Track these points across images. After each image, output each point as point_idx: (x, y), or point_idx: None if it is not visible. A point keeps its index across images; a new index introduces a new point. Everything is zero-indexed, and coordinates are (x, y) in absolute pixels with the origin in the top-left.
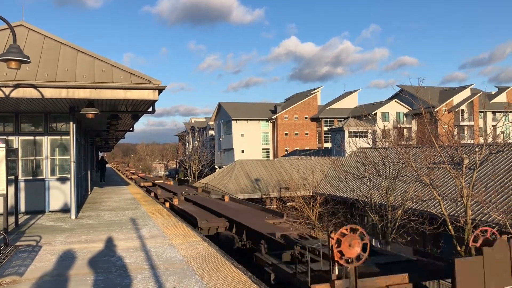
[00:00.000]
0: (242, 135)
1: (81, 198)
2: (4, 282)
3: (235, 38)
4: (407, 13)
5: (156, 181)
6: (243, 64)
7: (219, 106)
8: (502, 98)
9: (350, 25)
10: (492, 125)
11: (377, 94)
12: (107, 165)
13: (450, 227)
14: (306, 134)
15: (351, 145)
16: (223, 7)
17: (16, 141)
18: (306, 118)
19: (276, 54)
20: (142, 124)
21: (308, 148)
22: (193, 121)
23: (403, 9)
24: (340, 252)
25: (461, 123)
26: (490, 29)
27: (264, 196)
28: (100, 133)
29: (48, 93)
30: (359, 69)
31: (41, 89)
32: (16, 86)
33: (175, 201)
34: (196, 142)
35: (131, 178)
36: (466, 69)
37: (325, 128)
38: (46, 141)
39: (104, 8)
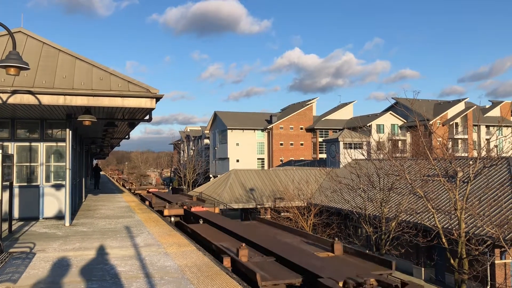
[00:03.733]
0: (237, 144)
1: (75, 205)
2: None
3: (239, 48)
4: (410, 27)
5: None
6: (245, 74)
7: (215, 115)
8: (495, 112)
9: (355, 38)
10: (486, 139)
11: (376, 106)
12: (101, 173)
13: (443, 239)
14: (301, 144)
15: (346, 156)
16: (232, 17)
17: (12, 147)
18: (301, 128)
19: (278, 64)
20: (139, 131)
21: (303, 158)
22: (188, 130)
23: (407, 23)
24: None
25: (455, 136)
26: (492, 43)
27: (258, 206)
28: (95, 140)
29: (46, 99)
30: (359, 80)
31: (38, 96)
32: (14, 92)
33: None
34: (191, 151)
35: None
36: (465, 82)
37: (320, 139)
38: (41, 147)
39: (114, 16)
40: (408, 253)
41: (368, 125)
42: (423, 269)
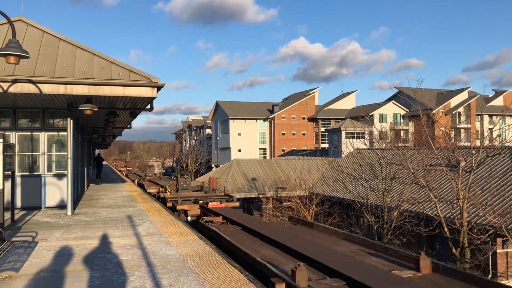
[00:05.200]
0: (239, 134)
1: (77, 195)
2: (0, 277)
3: (244, 37)
4: (417, 15)
5: (211, 204)
6: (249, 63)
7: (217, 105)
8: (499, 101)
9: (361, 27)
10: (489, 128)
11: (380, 95)
12: (103, 162)
13: (445, 229)
14: (303, 134)
15: (348, 146)
16: (239, 6)
17: (13, 137)
18: (303, 118)
19: (283, 54)
20: (142, 121)
21: (305, 148)
22: (190, 120)
23: (413, 11)
24: None
25: (458, 126)
26: (499, 32)
27: (260, 196)
28: (97, 129)
29: (46, 88)
30: (364, 70)
31: (39, 85)
32: (14, 81)
33: None
34: (193, 141)
35: (142, 187)
36: (470, 71)
37: (322, 129)
38: (43, 137)
39: (119, 5)
40: (410, 242)
41: (370, 114)
42: None
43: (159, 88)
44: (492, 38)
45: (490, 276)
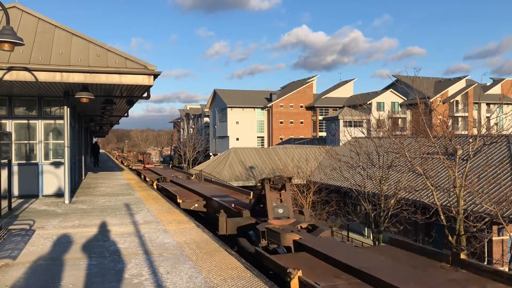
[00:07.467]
0: (237, 122)
1: (75, 183)
2: None
3: (246, 25)
4: (421, 3)
5: None
6: (250, 51)
7: (215, 93)
8: (496, 89)
9: (364, 14)
10: (486, 117)
11: (381, 83)
12: (100, 151)
13: (442, 217)
14: (301, 122)
15: (346, 134)
16: None
17: (10, 125)
18: (301, 106)
19: (285, 42)
20: (141, 110)
21: (303, 136)
22: (188, 108)
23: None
24: None
25: (455, 114)
26: (501, 20)
27: (258, 184)
28: (94, 118)
29: (42, 76)
30: (365, 58)
31: (35, 73)
32: (10, 69)
33: None
34: (191, 129)
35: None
36: (471, 59)
37: (320, 117)
38: (40, 125)
39: None
40: (407, 230)
41: (368, 103)
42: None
43: (155, 76)
44: (494, 26)
45: (485, 263)
